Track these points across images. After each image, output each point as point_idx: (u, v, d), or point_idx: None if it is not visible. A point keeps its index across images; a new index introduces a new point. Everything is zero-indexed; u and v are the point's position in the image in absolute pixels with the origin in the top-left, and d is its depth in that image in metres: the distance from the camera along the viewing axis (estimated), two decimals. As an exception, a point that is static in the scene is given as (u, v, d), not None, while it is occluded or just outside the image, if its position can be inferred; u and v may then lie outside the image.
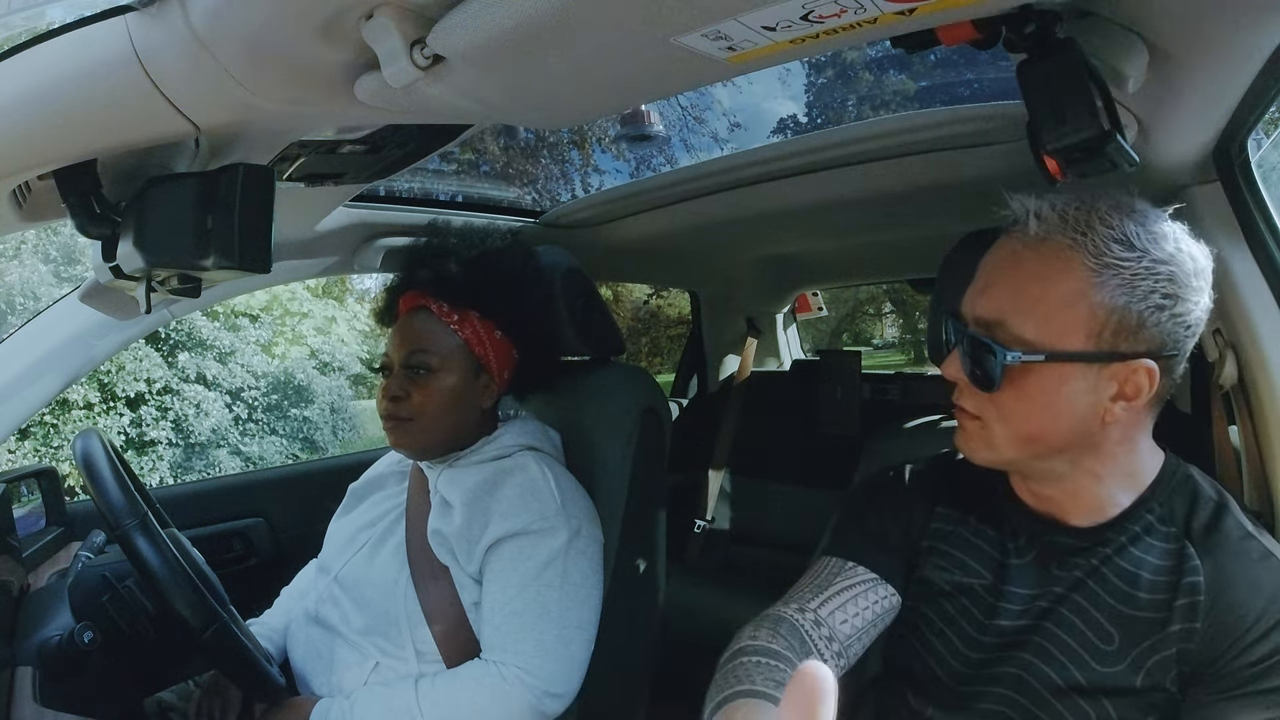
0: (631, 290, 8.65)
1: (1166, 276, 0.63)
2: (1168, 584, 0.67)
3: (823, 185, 1.29)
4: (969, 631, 0.76)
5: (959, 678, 0.75)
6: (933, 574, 0.79)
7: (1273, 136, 1.00)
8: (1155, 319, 0.63)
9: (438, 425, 1.04)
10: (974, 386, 0.69)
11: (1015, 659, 0.72)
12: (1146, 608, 0.67)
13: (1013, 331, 0.65)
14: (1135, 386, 0.65)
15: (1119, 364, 0.64)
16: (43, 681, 0.81)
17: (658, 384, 1.26)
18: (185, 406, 6.11)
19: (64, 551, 1.15)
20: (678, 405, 2.30)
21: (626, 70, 0.61)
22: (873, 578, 0.78)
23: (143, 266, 0.69)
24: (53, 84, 0.58)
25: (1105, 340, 0.64)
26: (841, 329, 8.15)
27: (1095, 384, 0.65)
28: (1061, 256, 0.64)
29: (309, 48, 0.54)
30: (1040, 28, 0.59)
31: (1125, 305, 0.63)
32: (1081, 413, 0.66)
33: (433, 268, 1.08)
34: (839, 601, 0.76)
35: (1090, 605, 0.70)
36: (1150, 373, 0.64)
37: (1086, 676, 0.68)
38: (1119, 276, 0.62)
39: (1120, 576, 0.69)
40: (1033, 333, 0.65)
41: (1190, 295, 0.64)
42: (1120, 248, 0.63)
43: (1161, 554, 0.69)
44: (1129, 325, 0.63)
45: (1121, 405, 0.66)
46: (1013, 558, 0.75)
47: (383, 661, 0.99)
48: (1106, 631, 0.69)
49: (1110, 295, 0.63)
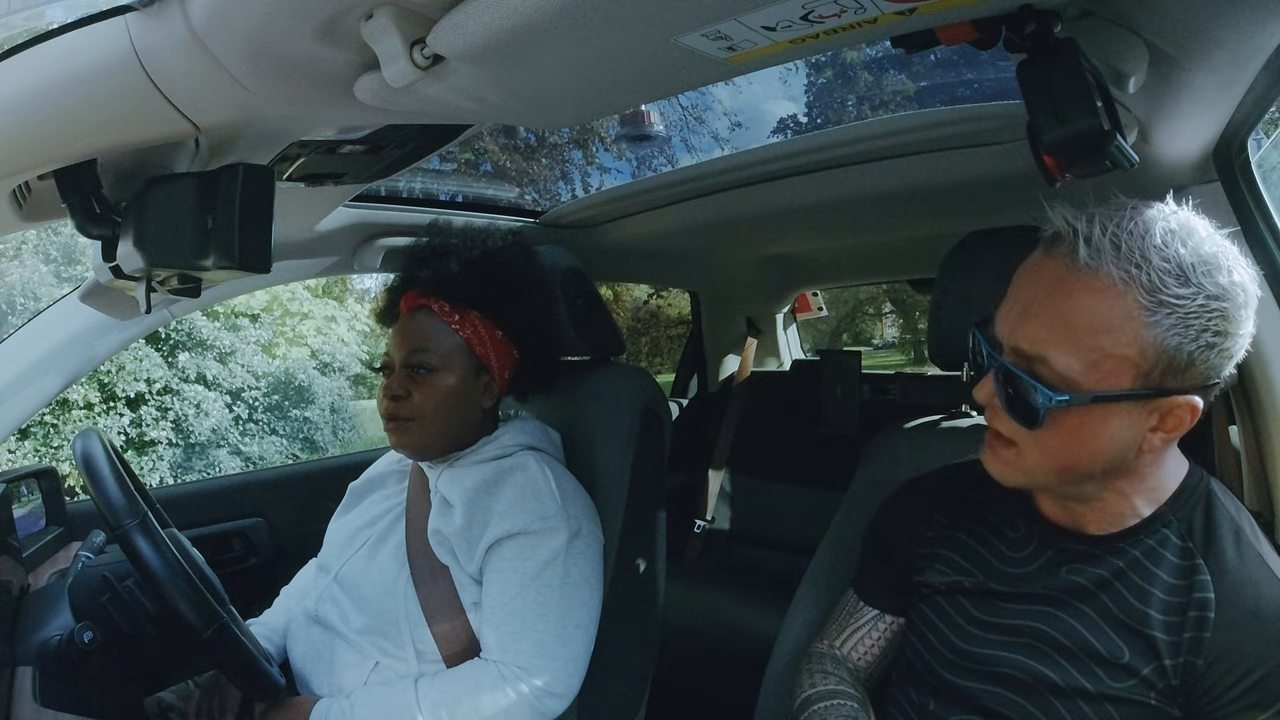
0: (631, 290, 8.65)
1: (1219, 314, 0.59)
2: (1180, 605, 0.67)
3: (823, 185, 1.29)
4: (961, 624, 0.77)
5: (956, 670, 0.76)
6: (931, 576, 0.81)
7: (1273, 136, 1.00)
8: (1205, 356, 0.60)
9: (438, 425, 1.05)
10: (1010, 416, 0.66)
11: (1008, 657, 0.73)
12: (1159, 628, 0.67)
13: (1056, 369, 0.62)
14: (1177, 420, 0.63)
15: (1163, 399, 0.62)
16: (43, 681, 0.81)
17: (658, 384, 1.26)
18: (185, 406, 6.11)
19: (64, 551, 1.15)
20: (678, 405, 2.30)
21: (626, 70, 0.61)
22: (875, 613, 0.88)
23: (143, 266, 0.69)
24: (53, 84, 0.58)
25: (1153, 379, 0.61)
26: (841, 329, 8.15)
27: (1137, 419, 0.63)
28: (1113, 291, 0.59)
29: (309, 48, 0.54)
30: (1040, 28, 0.59)
31: (1178, 345, 0.59)
32: (1121, 446, 0.64)
33: (434, 268, 1.08)
34: (855, 639, 0.88)
35: (1100, 617, 0.69)
36: (1194, 408, 0.62)
37: (1093, 684, 0.68)
38: (1174, 315, 0.59)
39: (1133, 592, 0.68)
40: (1078, 372, 0.61)
41: (1239, 329, 0.61)
42: (1176, 283, 0.58)
43: (1175, 570, 0.68)
44: (1179, 364, 0.60)
45: (1161, 436, 0.64)
46: (1020, 563, 0.76)
47: (382, 661, 0.99)
48: (1115, 644, 0.68)
49: (1163, 336, 0.59)
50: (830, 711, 0.79)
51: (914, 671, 0.81)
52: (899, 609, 0.86)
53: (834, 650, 0.89)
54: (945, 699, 0.76)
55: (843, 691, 0.82)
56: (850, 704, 0.80)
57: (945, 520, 0.82)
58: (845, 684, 0.84)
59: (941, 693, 0.77)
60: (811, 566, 1.08)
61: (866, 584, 0.90)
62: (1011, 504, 0.78)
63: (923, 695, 0.79)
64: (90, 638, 0.83)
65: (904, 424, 1.10)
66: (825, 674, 0.85)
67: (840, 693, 0.82)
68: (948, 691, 0.76)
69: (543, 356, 1.16)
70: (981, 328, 0.70)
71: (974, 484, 0.81)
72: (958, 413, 1.09)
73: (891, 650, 0.87)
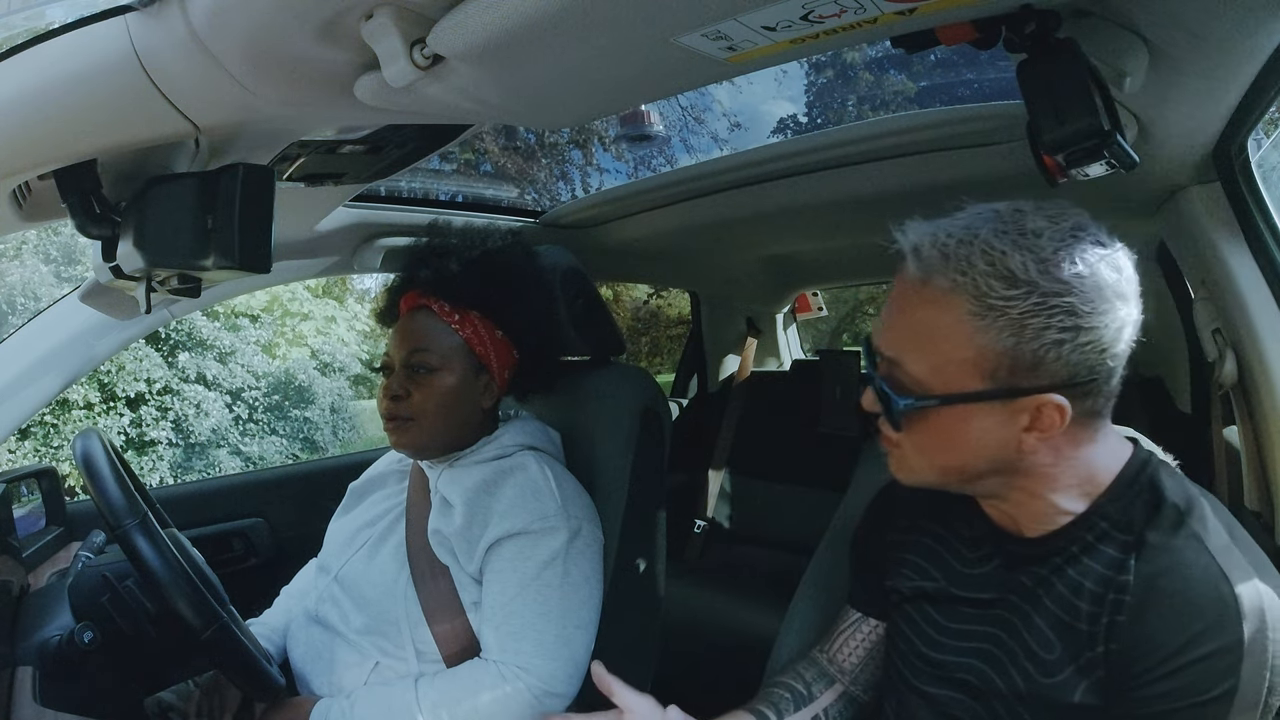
0: (631, 290, 8.65)
1: (1063, 309, 0.58)
2: (1101, 594, 0.64)
3: (823, 185, 1.29)
4: (930, 633, 0.76)
5: (925, 679, 0.76)
6: (899, 581, 0.81)
7: (1273, 136, 1.00)
8: (1054, 354, 0.59)
9: (438, 425, 1.05)
10: (885, 420, 0.69)
11: (969, 663, 0.72)
12: (1084, 619, 0.64)
13: (909, 373, 0.64)
14: (1047, 420, 0.61)
15: (1024, 398, 0.61)
16: (43, 681, 0.81)
17: (658, 384, 1.26)
18: (185, 406, 6.10)
19: (64, 551, 1.15)
20: (678, 405, 2.30)
21: (626, 70, 0.61)
22: (859, 616, 0.88)
23: (143, 266, 0.69)
24: (53, 84, 0.58)
25: (1001, 379, 0.61)
26: (841, 329, 8.14)
27: (1003, 419, 0.62)
28: (943, 300, 0.61)
29: (309, 48, 0.54)
30: (1040, 28, 0.59)
31: (1015, 346, 0.59)
32: (995, 446, 0.64)
33: (434, 267, 1.08)
34: (841, 640, 0.89)
35: (1036, 614, 0.68)
36: (1059, 407, 0.60)
37: (1029, 685, 0.67)
38: (1004, 318, 0.59)
39: (1067, 586, 0.66)
40: (926, 375, 0.63)
41: (1097, 320, 0.59)
42: (1003, 285, 0.59)
43: (1109, 562, 0.65)
44: (1024, 364, 0.60)
45: (1036, 435, 0.62)
46: (975, 565, 0.75)
47: (383, 661, 0.99)
48: (1048, 640, 0.66)
49: (995, 338, 0.59)
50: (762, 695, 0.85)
51: (892, 681, 0.82)
52: (879, 613, 0.87)
53: (821, 655, 0.90)
54: (920, 708, 0.77)
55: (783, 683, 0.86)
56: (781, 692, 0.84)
57: (909, 523, 0.82)
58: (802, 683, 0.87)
59: (915, 702, 0.77)
60: (811, 567, 1.08)
61: (852, 587, 0.91)
62: (965, 510, 0.77)
63: (904, 704, 0.79)
64: (90, 638, 0.83)
65: None
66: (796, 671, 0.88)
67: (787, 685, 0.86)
68: (921, 699, 0.76)
69: (543, 356, 1.16)
70: (869, 340, 0.72)
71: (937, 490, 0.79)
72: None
73: (877, 654, 0.87)
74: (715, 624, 1.79)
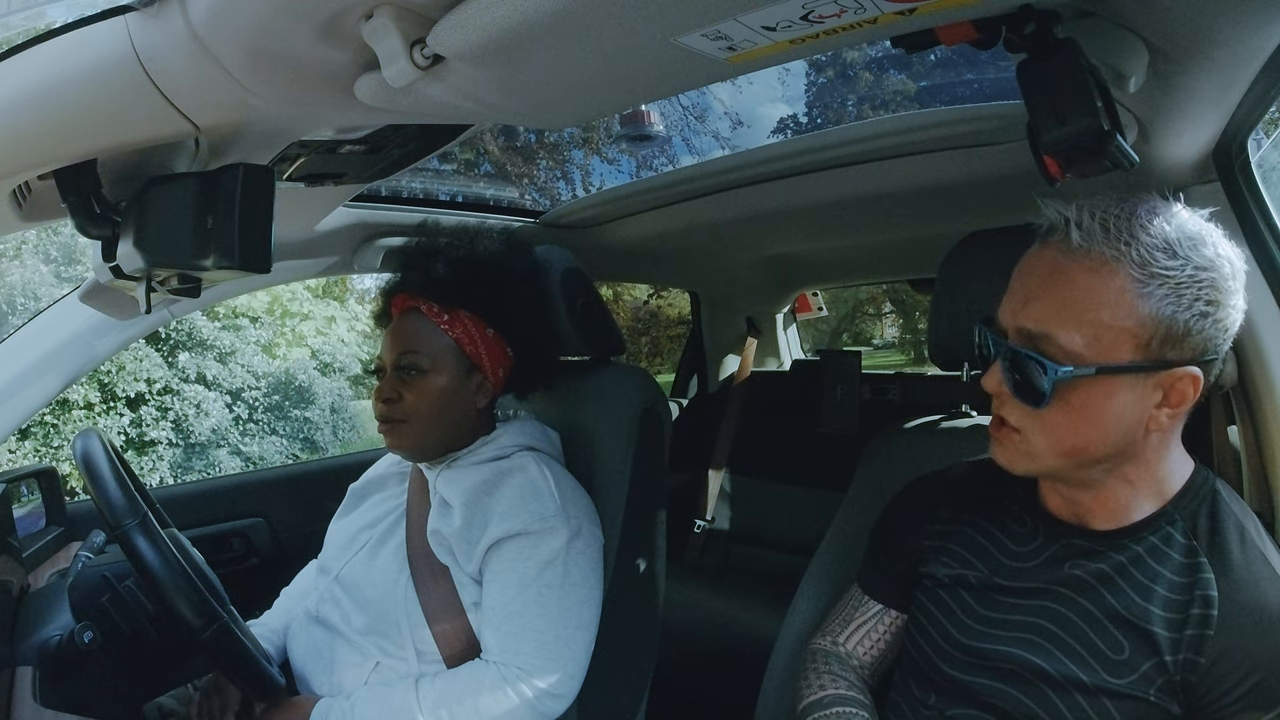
0: (631, 290, 8.65)
1: (1209, 283, 0.63)
2: (1183, 602, 0.67)
3: (822, 185, 1.29)
4: (966, 621, 0.77)
5: (956, 664, 0.76)
6: (935, 569, 0.82)
7: (1273, 136, 1.00)
8: (1200, 326, 0.63)
9: (432, 426, 1.04)
10: (1018, 399, 0.68)
11: (1012, 653, 0.73)
12: (1159, 624, 0.67)
13: (1061, 345, 0.65)
14: (1180, 394, 0.65)
15: (1165, 372, 0.64)
16: (43, 681, 0.81)
17: (658, 384, 1.26)
18: (185, 407, 6.10)
19: (64, 551, 1.15)
20: (678, 405, 2.30)
21: (626, 70, 0.61)
22: (880, 608, 0.89)
23: (143, 266, 0.69)
24: (53, 84, 0.58)
25: (1154, 350, 0.64)
26: (841, 329, 8.14)
27: (1143, 394, 0.65)
28: (1106, 268, 0.63)
29: (309, 48, 0.54)
30: (1040, 28, 0.59)
31: (1173, 315, 0.62)
32: (1128, 423, 0.66)
33: (421, 268, 1.08)
34: (859, 635, 0.89)
35: (1101, 612, 0.70)
36: (1195, 380, 0.64)
37: (1094, 680, 0.68)
38: (1165, 286, 0.62)
39: (1135, 588, 0.69)
40: (1082, 346, 0.64)
41: (1230, 299, 0.64)
42: (1164, 256, 0.62)
43: (1178, 568, 0.68)
44: (1176, 334, 0.63)
45: (1166, 412, 0.66)
46: (1023, 559, 0.76)
47: (383, 661, 0.99)
48: (1115, 639, 0.69)
49: (1158, 305, 0.62)
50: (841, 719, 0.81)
51: (916, 666, 0.81)
52: (903, 604, 0.87)
53: (838, 648, 0.89)
54: (946, 694, 0.77)
55: (853, 699, 0.82)
56: (861, 713, 0.81)
57: (952, 514, 0.83)
58: (855, 689, 0.84)
59: (942, 687, 0.77)
60: (811, 567, 1.08)
61: (872, 578, 0.90)
62: (1018, 500, 0.79)
63: (924, 690, 0.79)
64: (90, 638, 0.83)
65: (904, 424, 1.09)
66: (834, 676, 0.86)
67: (850, 699, 0.82)
68: (949, 686, 0.76)
69: (539, 355, 1.15)
70: (986, 324, 0.73)
71: (982, 480, 0.83)
72: (958, 413, 1.09)
73: (894, 648, 0.88)
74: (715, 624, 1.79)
